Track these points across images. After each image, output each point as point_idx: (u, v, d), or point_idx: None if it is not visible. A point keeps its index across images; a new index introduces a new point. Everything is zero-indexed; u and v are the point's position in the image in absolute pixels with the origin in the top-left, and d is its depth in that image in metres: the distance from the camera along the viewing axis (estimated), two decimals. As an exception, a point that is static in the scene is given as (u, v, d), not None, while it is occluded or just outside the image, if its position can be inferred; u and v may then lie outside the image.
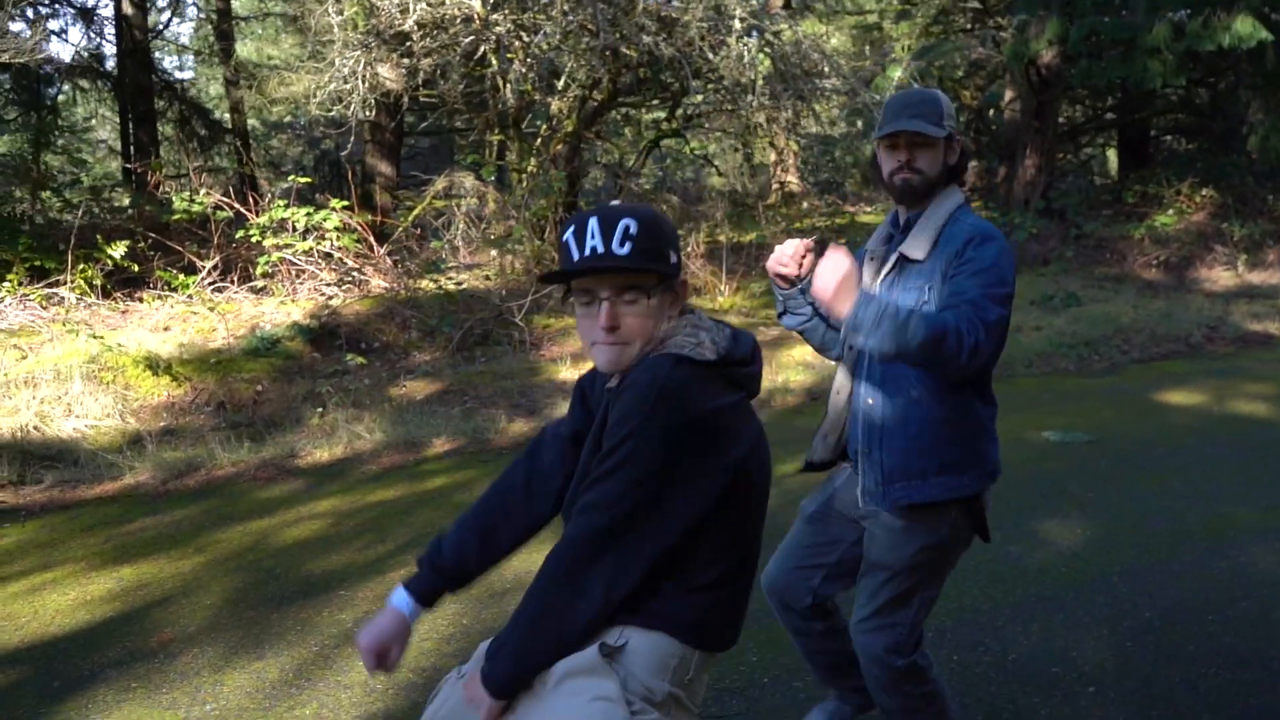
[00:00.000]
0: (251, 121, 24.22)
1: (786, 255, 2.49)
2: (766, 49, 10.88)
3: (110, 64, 16.46)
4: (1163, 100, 15.77)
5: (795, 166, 17.45)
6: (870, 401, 2.41)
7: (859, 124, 16.95)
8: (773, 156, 14.78)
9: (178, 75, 25.36)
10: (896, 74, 13.55)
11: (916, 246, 2.36)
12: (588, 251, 1.61)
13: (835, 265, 2.09)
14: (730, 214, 14.47)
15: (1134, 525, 4.59)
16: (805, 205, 15.22)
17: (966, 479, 2.38)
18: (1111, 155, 20.30)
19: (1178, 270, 12.36)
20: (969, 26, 15.94)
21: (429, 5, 10.09)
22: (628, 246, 1.60)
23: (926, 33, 16.06)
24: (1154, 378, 7.84)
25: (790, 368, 8.25)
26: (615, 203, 1.70)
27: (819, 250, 2.30)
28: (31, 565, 4.58)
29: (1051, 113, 14.38)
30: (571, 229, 1.64)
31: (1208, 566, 4.09)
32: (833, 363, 2.63)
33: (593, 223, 1.62)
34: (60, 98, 18.74)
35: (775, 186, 18.13)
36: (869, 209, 18.64)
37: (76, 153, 23.44)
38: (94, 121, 24.77)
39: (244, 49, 22.46)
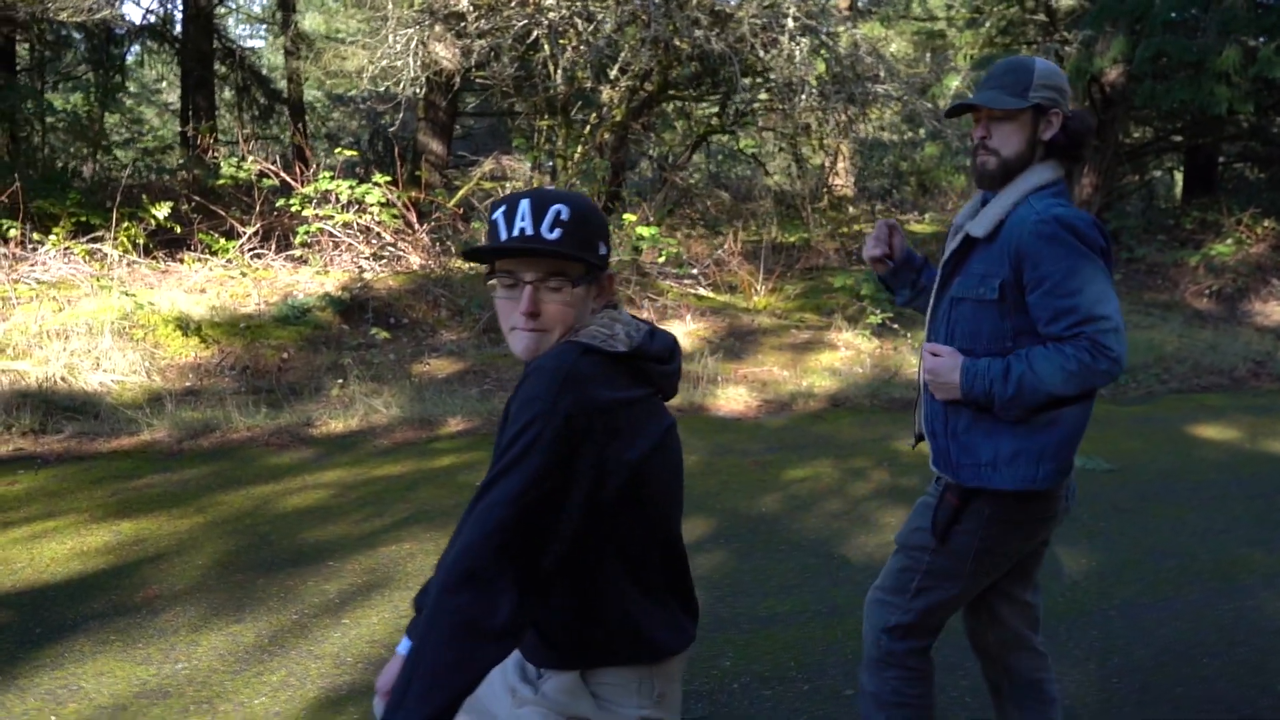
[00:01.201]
0: (316, 93, 24.53)
1: (875, 239, 2.53)
2: (821, 50, 10.75)
3: (179, 29, 16.73)
4: (1234, 126, 15.32)
5: (848, 170, 17.24)
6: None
7: (919, 131, 16.77)
8: (824, 159, 14.59)
9: (249, 43, 25.80)
10: (954, 83, 13.37)
11: (980, 223, 2.22)
12: (516, 232, 1.56)
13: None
14: (778, 214, 14.36)
15: (1142, 559, 4.46)
16: (851, 210, 14.99)
17: (1005, 473, 2.20)
18: (1180, 178, 19.80)
19: (1230, 302, 12.01)
20: (1034, 39, 15.61)
21: (485, -14, 10.10)
22: (558, 232, 1.56)
23: (991, 43, 15.78)
24: (1190, 410, 7.62)
25: (816, 373, 8.15)
26: (552, 187, 1.66)
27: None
28: (37, 512, 4.66)
29: (1113, 132, 14.04)
30: (502, 208, 1.60)
31: (1211, 608, 3.96)
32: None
33: (524, 204, 1.58)
34: (129, 60, 19.12)
35: (826, 189, 17.96)
36: (922, 218, 18.40)
37: (137, 113, 23.93)
38: (164, 84, 25.26)
39: (314, 21, 22.71)
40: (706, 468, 5.73)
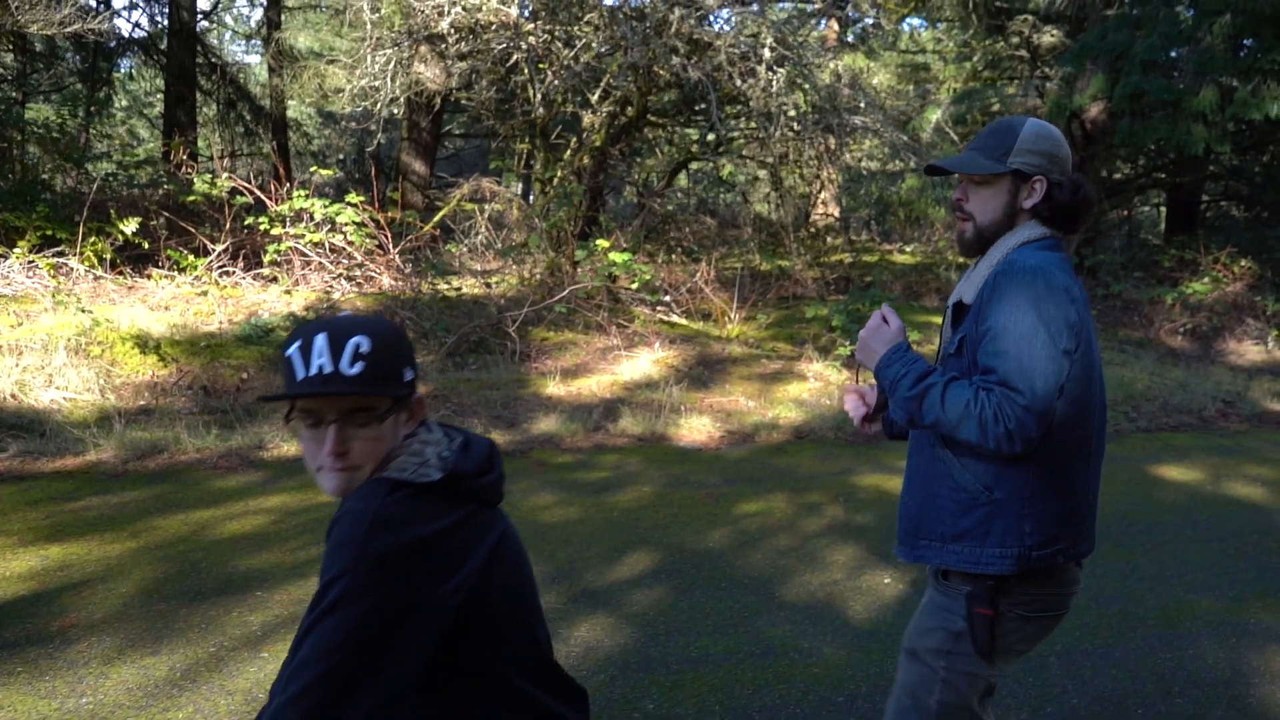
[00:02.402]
0: (307, 111, 24.58)
1: (853, 406, 2.40)
2: (800, 80, 10.77)
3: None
4: (1214, 165, 15.41)
5: (831, 199, 17.28)
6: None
7: (899, 162, 16.81)
8: (805, 188, 14.62)
9: (241, 59, 25.87)
10: (934, 115, 13.40)
11: (968, 288, 2.06)
12: (314, 370, 1.47)
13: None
14: (760, 242, 14.37)
15: (1087, 604, 4.39)
16: (829, 240, 15.00)
17: (986, 553, 2.01)
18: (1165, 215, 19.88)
19: (1205, 340, 12.02)
20: (1017, 75, 15.71)
21: (465, 9, 10.11)
22: (359, 366, 1.48)
23: (975, 77, 15.87)
24: (1155, 449, 7.58)
25: (783, 404, 8.10)
26: (346, 313, 1.58)
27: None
28: (-35, 534, 4.57)
29: (1093, 169, 14.10)
30: (297, 344, 1.50)
31: (1152, 656, 3.90)
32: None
33: (320, 339, 1.48)
34: (118, 73, 19.12)
35: (813, 218, 18.00)
36: (908, 248, 18.43)
37: (130, 126, 23.92)
38: (157, 98, 25.28)
39: (307, 39, 22.78)
40: (659, 500, 5.65)
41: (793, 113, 10.68)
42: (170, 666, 3.45)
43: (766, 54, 9.81)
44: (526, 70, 10.52)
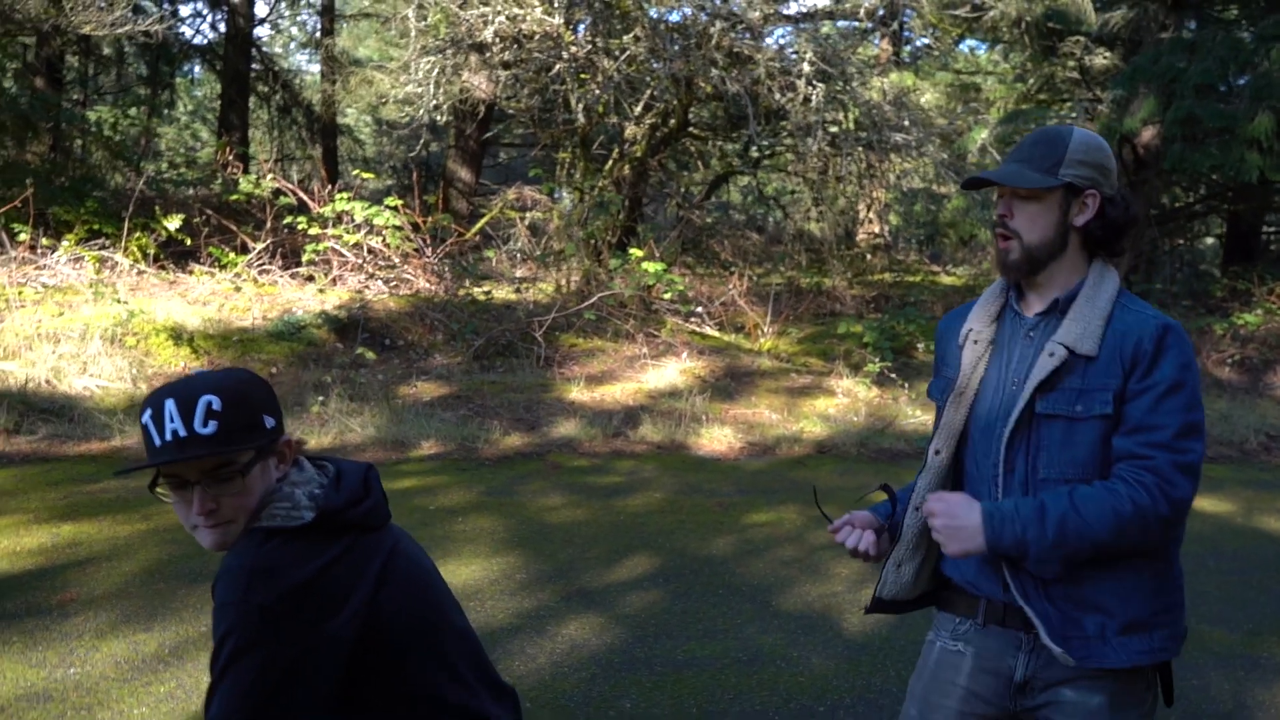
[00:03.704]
0: (364, 118, 25.06)
1: (866, 542, 1.95)
2: (841, 95, 10.73)
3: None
4: (1276, 194, 15.04)
5: (876, 217, 17.16)
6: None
7: (949, 184, 16.66)
8: (845, 204, 14.54)
9: (303, 67, 26.44)
10: (981, 135, 13.24)
11: (1086, 338, 1.78)
12: (169, 436, 1.45)
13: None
14: (799, 257, 14.31)
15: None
16: (870, 259, 14.89)
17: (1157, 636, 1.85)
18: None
19: (1254, 373, 11.69)
20: (1067, 96, 15.49)
21: (509, 19, 10.23)
22: (212, 425, 1.46)
23: (1026, 98, 15.66)
24: (1189, 478, 7.38)
25: (808, 418, 8.04)
26: (199, 371, 1.57)
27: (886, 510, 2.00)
28: (-16, 510, 4.70)
29: (1144, 194, 13.84)
30: (148, 412, 1.48)
31: (1152, 683, 3.79)
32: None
33: (169, 404, 1.46)
34: (180, 79, 19.70)
35: (861, 237, 17.89)
36: (956, 270, 18.22)
37: (193, 129, 24.57)
38: (218, 104, 25.95)
39: (365, 48, 23.22)
40: (668, 506, 5.64)
41: (834, 129, 10.63)
42: (160, 643, 3.51)
43: (806, 68, 9.78)
44: (568, 81, 10.60)
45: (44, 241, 8.58)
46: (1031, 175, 1.79)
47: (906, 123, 11.24)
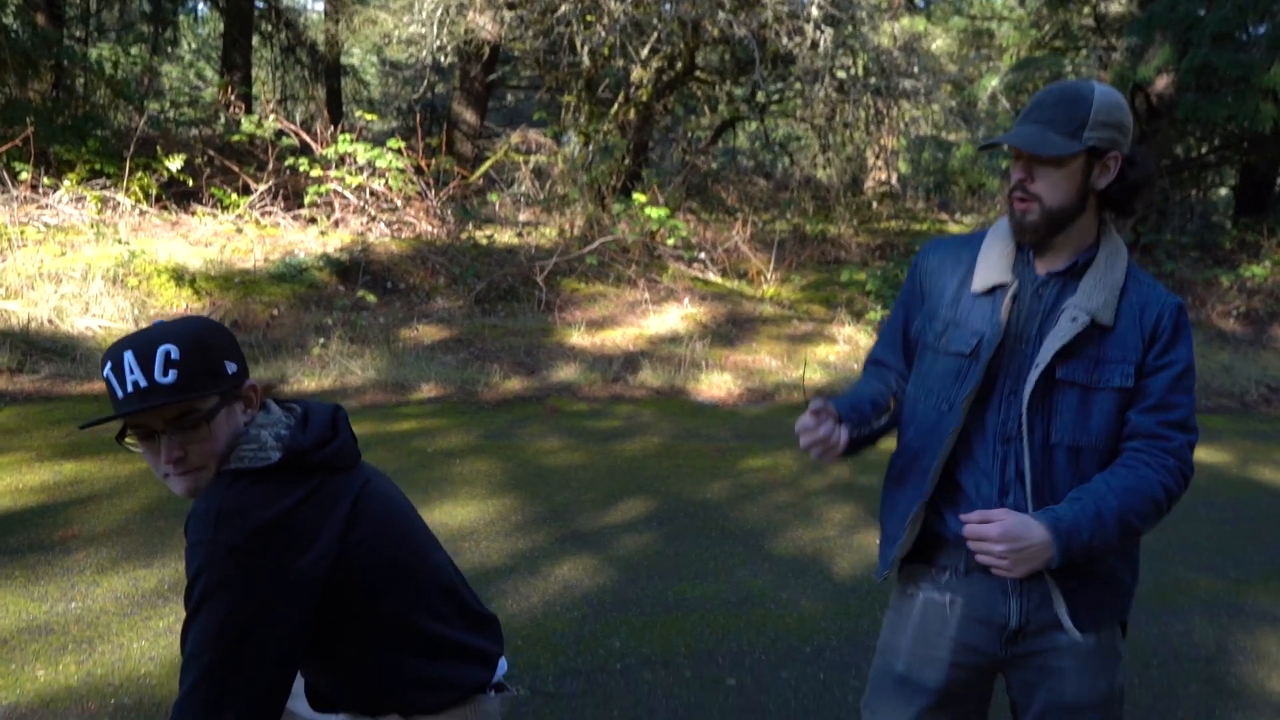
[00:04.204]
0: (369, 58, 24.77)
1: (805, 430, 1.79)
2: (850, 40, 10.58)
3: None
4: (1289, 144, 14.83)
5: (884, 164, 17.00)
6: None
7: (960, 130, 16.46)
8: (851, 150, 14.40)
9: (309, 5, 26.09)
10: (992, 83, 13.08)
11: (1106, 309, 1.77)
12: (130, 388, 1.47)
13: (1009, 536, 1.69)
14: (807, 204, 14.21)
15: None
16: (875, 206, 14.78)
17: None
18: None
19: (1259, 325, 11.65)
20: (1081, 43, 15.24)
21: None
22: (172, 374, 1.48)
23: (1040, 45, 15.42)
24: (1187, 430, 7.40)
25: (808, 365, 8.05)
26: (158, 322, 1.56)
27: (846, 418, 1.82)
28: (-13, 447, 4.76)
29: (1156, 144, 13.67)
30: (109, 364, 1.50)
31: (1136, 630, 3.83)
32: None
33: (128, 356, 1.48)
34: (183, 15, 19.46)
35: (869, 184, 17.74)
36: (965, 219, 18.09)
37: (198, 68, 24.33)
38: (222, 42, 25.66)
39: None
40: (665, 451, 5.68)
41: (841, 74, 10.49)
42: (160, 579, 3.57)
43: (815, 12, 9.64)
44: (574, 22, 10.46)
45: (45, 181, 8.55)
46: (1055, 140, 1.71)
47: (916, 69, 11.11)
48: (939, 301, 1.90)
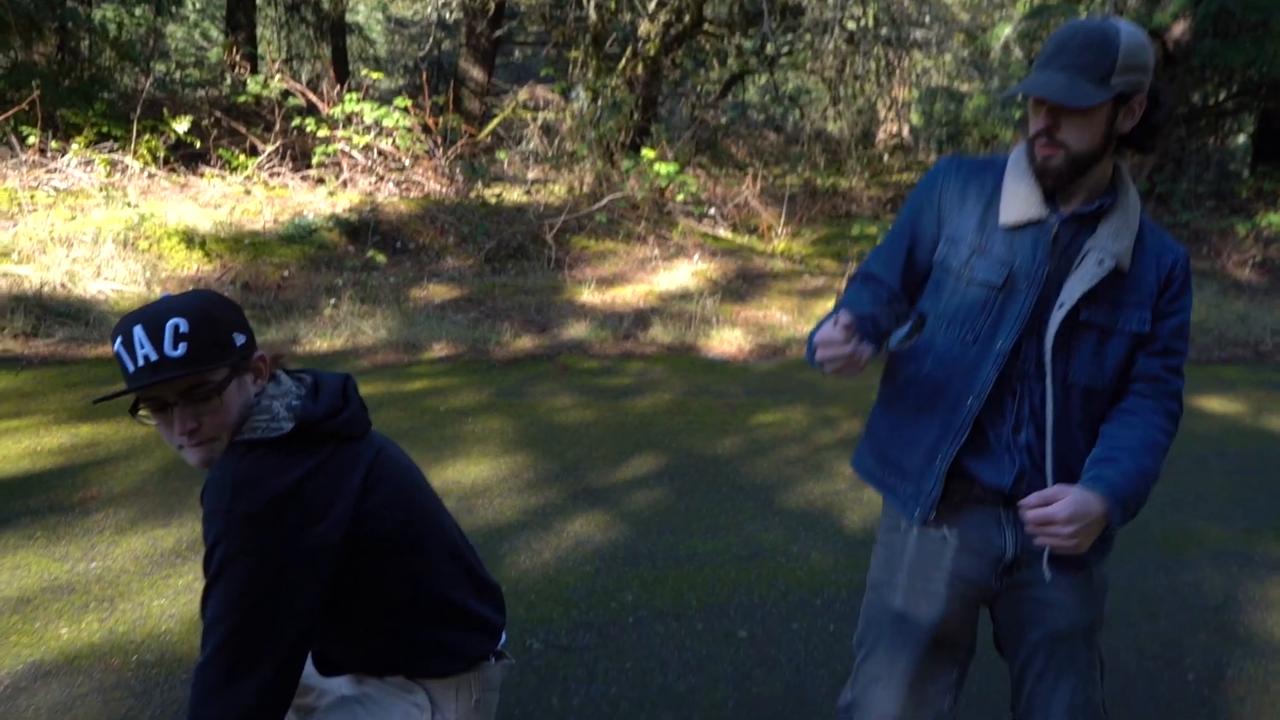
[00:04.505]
0: (375, 14, 24.54)
1: (830, 342, 1.64)
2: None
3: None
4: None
5: (896, 116, 16.82)
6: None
7: (974, 80, 16.26)
8: (862, 103, 14.26)
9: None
10: (1005, 31, 12.88)
11: (1128, 254, 1.77)
12: (141, 362, 1.50)
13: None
14: (818, 158, 14.09)
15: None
16: (887, 159, 14.65)
17: None
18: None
19: (1274, 274, 11.55)
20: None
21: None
22: (182, 348, 1.50)
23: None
24: (1201, 380, 7.38)
25: (819, 319, 8.03)
26: (165, 295, 1.58)
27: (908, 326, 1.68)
28: (4, 412, 4.80)
29: (1173, 90, 13.47)
30: (119, 339, 1.53)
31: (1145, 579, 3.86)
32: None
33: (138, 330, 1.50)
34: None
35: (881, 137, 17.58)
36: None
37: (203, 28, 24.15)
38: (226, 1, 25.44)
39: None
40: (676, 407, 5.70)
41: (851, 25, 10.36)
42: (178, 539, 3.63)
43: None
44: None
45: (53, 144, 8.54)
46: (1085, 89, 1.64)
47: (928, 19, 10.95)
48: (963, 227, 1.84)
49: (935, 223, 1.87)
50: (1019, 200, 1.79)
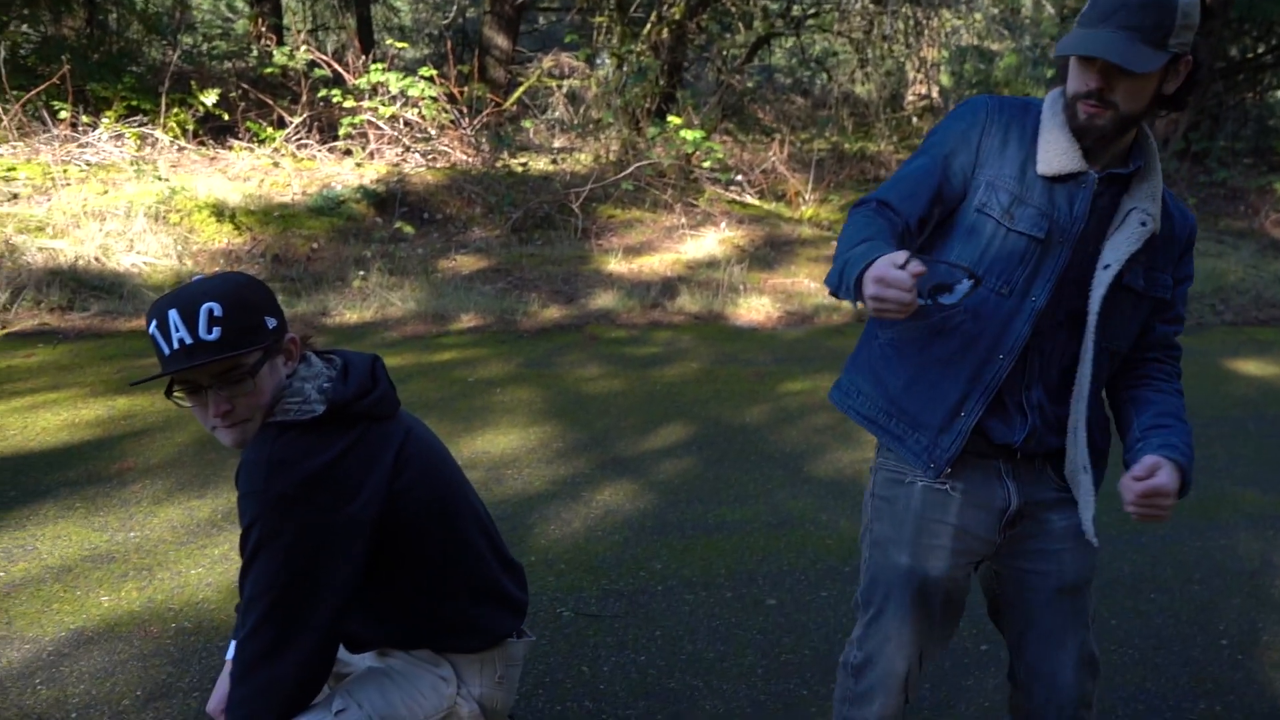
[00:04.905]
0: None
1: (896, 286, 1.44)
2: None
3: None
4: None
5: (925, 78, 16.55)
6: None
7: (999, 40, 15.97)
8: (891, 64, 14.05)
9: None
10: (1036, -12, 12.63)
11: (1160, 218, 1.75)
12: (176, 345, 1.52)
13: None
14: (845, 121, 13.92)
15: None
16: (916, 121, 14.45)
17: None
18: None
19: (1315, 233, 11.33)
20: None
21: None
22: (216, 331, 1.52)
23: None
24: (1237, 343, 7.28)
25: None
26: (198, 277, 1.60)
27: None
28: (42, 384, 4.88)
29: (1210, 45, 13.15)
30: (154, 323, 1.55)
31: (1179, 544, 3.84)
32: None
33: (173, 314, 1.52)
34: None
35: (909, 99, 17.32)
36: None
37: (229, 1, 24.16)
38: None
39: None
40: (705, 376, 5.69)
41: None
42: (213, 509, 3.68)
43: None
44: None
45: (84, 119, 8.60)
46: (1146, 52, 1.57)
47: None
48: (1004, 172, 1.74)
49: (971, 164, 1.77)
50: (1059, 152, 1.71)
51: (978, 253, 1.75)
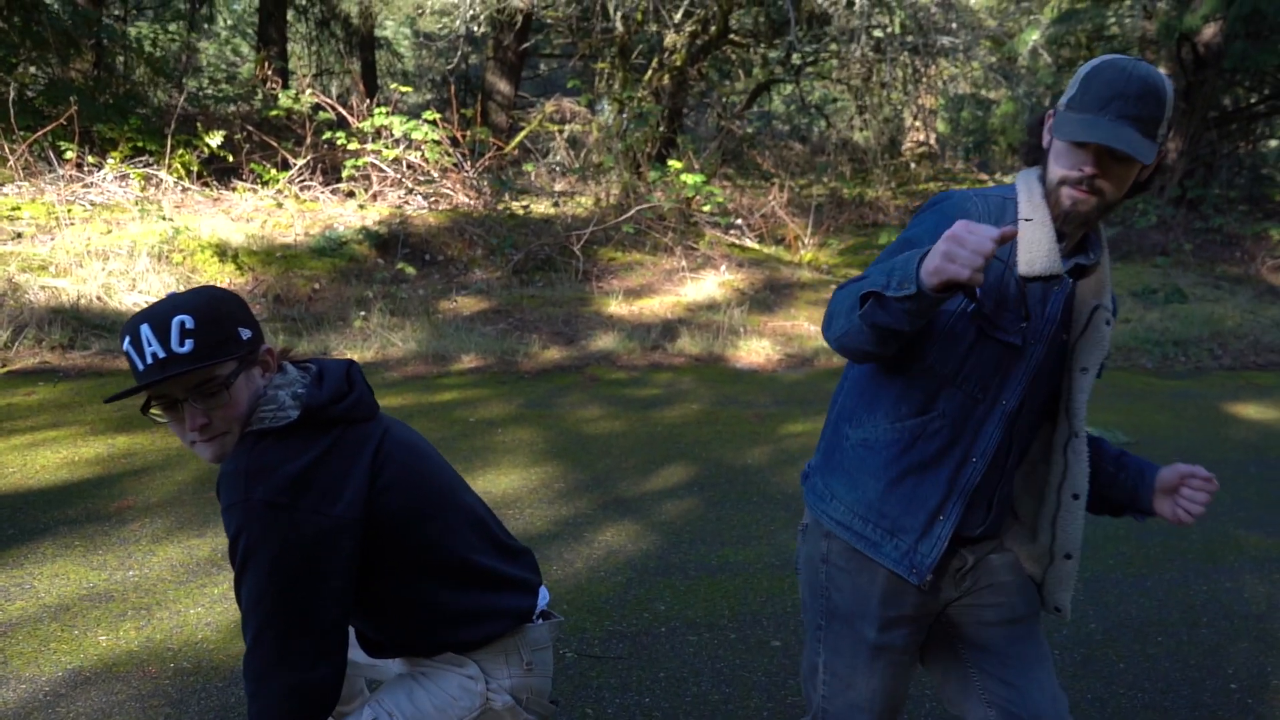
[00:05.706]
0: (403, 29, 24.78)
1: (979, 235, 1.36)
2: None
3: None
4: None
5: (922, 125, 16.76)
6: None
7: (1001, 88, 16.16)
8: (890, 111, 14.21)
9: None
10: (1033, 37, 12.82)
11: (1113, 311, 1.84)
12: (149, 359, 1.53)
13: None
14: (843, 167, 14.06)
15: (1126, 535, 4.30)
16: (914, 168, 14.59)
17: None
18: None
19: (1311, 278, 11.40)
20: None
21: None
22: (189, 344, 1.53)
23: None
24: (1235, 387, 7.29)
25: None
26: (170, 293, 1.60)
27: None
28: (42, 423, 4.87)
29: (1203, 95, 13.35)
30: (128, 339, 1.56)
31: (1185, 587, 3.81)
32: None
33: (145, 329, 1.53)
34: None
35: (907, 145, 17.51)
36: (1006, 179, 17.81)
37: (234, 45, 24.48)
38: (258, 17, 25.77)
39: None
40: (705, 417, 5.69)
41: (878, 33, 10.34)
42: (213, 548, 3.66)
43: (850, -31, 9.49)
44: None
45: (90, 159, 8.68)
46: (1147, 144, 1.57)
47: (954, 25, 10.91)
48: (989, 276, 1.69)
49: None
50: (1042, 254, 1.64)
51: (958, 360, 1.71)
